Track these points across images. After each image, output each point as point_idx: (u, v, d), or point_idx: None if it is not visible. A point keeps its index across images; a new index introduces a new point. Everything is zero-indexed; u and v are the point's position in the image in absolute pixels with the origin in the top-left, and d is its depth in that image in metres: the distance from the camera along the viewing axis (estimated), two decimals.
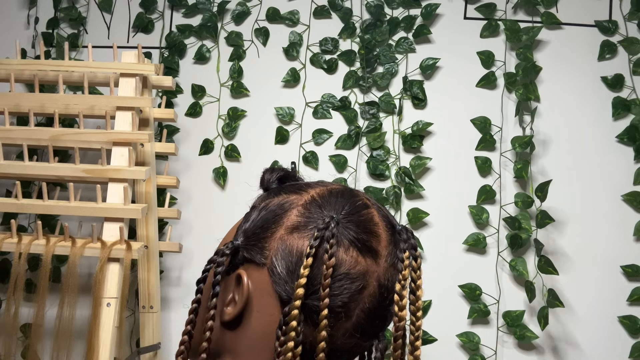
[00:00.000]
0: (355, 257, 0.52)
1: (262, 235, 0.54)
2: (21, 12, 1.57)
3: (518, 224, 1.29)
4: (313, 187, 0.58)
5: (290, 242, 0.53)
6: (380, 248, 0.54)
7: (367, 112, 1.41)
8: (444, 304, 1.35)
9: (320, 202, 0.55)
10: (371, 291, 0.52)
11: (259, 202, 0.58)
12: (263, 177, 0.63)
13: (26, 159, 1.17)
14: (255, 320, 0.53)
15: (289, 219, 0.54)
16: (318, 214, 0.54)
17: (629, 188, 1.32)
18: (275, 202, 0.56)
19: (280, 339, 0.49)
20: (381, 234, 0.55)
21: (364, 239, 0.53)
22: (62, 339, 1.10)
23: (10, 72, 1.22)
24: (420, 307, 0.53)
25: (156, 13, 1.52)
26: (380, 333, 0.55)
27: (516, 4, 1.40)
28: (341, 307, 0.51)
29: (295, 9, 1.47)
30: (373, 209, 0.56)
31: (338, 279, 0.51)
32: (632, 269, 1.29)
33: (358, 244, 0.53)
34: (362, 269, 0.52)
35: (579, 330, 1.31)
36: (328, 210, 0.54)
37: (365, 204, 0.56)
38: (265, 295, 0.52)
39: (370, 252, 0.53)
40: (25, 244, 1.12)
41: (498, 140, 1.37)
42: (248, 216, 0.58)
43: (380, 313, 0.54)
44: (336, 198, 0.56)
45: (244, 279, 0.53)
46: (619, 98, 1.34)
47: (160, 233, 1.39)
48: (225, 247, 0.55)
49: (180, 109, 1.48)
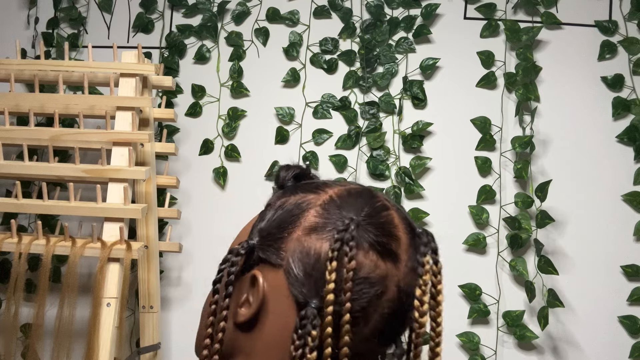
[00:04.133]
0: (375, 260, 0.50)
1: (279, 235, 0.52)
2: (21, 12, 1.57)
3: (518, 224, 1.29)
4: (331, 187, 0.56)
5: (308, 243, 0.51)
6: (401, 251, 0.52)
7: (367, 112, 1.41)
8: (444, 304, 1.34)
9: (339, 203, 0.53)
10: (390, 296, 0.51)
11: (275, 201, 0.56)
12: (279, 174, 0.60)
13: (26, 159, 1.17)
14: (270, 322, 0.51)
15: (307, 219, 0.52)
16: (337, 215, 0.52)
17: (629, 188, 1.32)
18: (292, 201, 0.54)
19: (296, 343, 0.47)
20: (401, 236, 0.53)
21: (384, 242, 0.51)
22: (62, 339, 1.10)
23: (10, 72, 1.22)
24: (440, 312, 0.52)
25: (156, 13, 1.52)
26: (397, 338, 0.54)
27: (516, 4, 1.40)
28: (359, 311, 0.50)
29: (295, 9, 1.47)
30: (392, 211, 0.54)
31: (357, 283, 0.49)
32: (632, 269, 1.29)
33: (378, 247, 0.51)
34: (382, 273, 0.50)
35: (579, 330, 1.31)
36: (347, 211, 0.52)
37: (385, 206, 0.54)
38: (281, 297, 0.51)
39: (390, 256, 0.51)
40: (25, 244, 1.12)
41: (498, 140, 1.37)
42: (263, 215, 0.55)
43: (399, 318, 0.52)
44: (355, 199, 0.54)
45: (259, 280, 0.51)
46: (619, 98, 1.34)
47: (160, 233, 1.39)
48: (240, 246, 0.53)
49: (180, 109, 1.48)
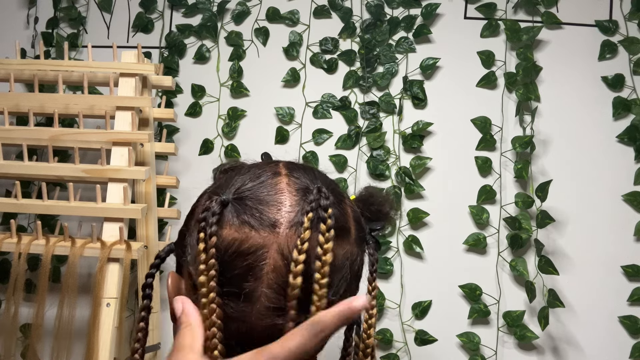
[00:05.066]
0: (247, 232, 0.48)
1: (185, 232, 0.55)
2: (21, 12, 1.57)
3: (518, 224, 1.29)
4: (236, 172, 0.55)
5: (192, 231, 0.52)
6: (280, 216, 0.48)
7: (367, 112, 1.41)
8: (444, 304, 1.35)
9: (217, 185, 0.53)
10: (272, 264, 0.47)
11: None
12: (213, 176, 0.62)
13: (26, 159, 1.17)
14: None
15: (197, 210, 0.54)
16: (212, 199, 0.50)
17: (629, 188, 1.32)
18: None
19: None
20: (284, 200, 0.50)
21: (260, 210, 0.49)
22: (62, 339, 1.10)
23: (10, 72, 1.22)
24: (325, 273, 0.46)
25: (156, 13, 1.52)
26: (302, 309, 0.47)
27: (516, 3, 1.40)
28: (239, 287, 0.47)
29: (295, 9, 1.46)
30: (280, 177, 0.52)
31: (229, 260, 0.48)
32: (632, 269, 1.29)
33: (250, 219, 0.48)
34: (256, 243, 0.47)
35: (579, 330, 1.31)
36: (223, 192, 0.51)
37: (275, 173, 0.52)
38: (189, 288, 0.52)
39: (268, 224, 0.48)
40: (25, 244, 1.12)
41: (498, 140, 1.37)
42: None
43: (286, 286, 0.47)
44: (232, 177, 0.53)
45: (168, 279, 0.55)
46: (619, 98, 1.34)
47: (160, 233, 1.39)
48: (163, 249, 0.58)
49: (180, 109, 1.48)
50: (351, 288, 0.53)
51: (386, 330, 1.34)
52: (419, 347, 1.33)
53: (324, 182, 0.54)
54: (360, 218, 0.57)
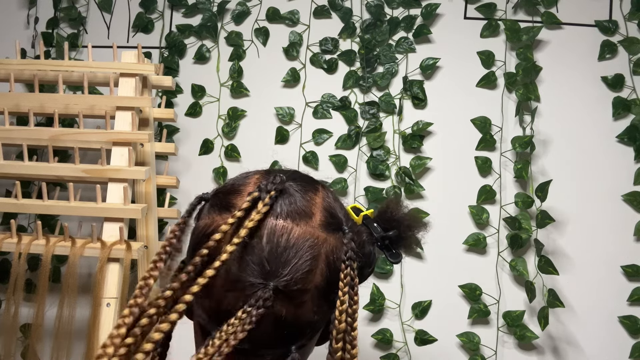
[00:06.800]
0: (213, 217, 0.58)
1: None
2: (21, 12, 1.57)
3: (518, 224, 1.29)
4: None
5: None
6: (237, 200, 0.57)
7: (367, 112, 1.41)
8: (444, 304, 1.35)
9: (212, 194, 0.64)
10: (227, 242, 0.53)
11: None
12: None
13: (26, 159, 1.17)
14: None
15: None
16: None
17: (629, 188, 1.32)
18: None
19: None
20: (244, 189, 0.58)
21: (226, 199, 0.58)
22: (62, 339, 1.10)
23: (10, 72, 1.22)
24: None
25: (156, 13, 1.52)
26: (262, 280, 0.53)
27: (516, 3, 1.40)
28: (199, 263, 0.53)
29: (295, 9, 1.46)
30: (255, 174, 0.60)
31: (202, 242, 0.55)
32: (632, 269, 1.29)
33: (216, 207, 0.58)
34: (213, 224, 0.57)
35: (579, 330, 1.31)
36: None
37: (254, 172, 0.61)
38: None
39: (227, 208, 0.57)
40: (25, 244, 1.12)
41: (498, 140, 1.37)
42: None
43: (246, 260, 0.53)
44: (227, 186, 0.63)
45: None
46: (619, 98, 1.34)
47: (160, 233, 1.39)
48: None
49: (180, 109, 1.48)
50: (324, 273, 0.56)
51: (386, 330, 1.34)
52: (418, 347, 1.33)
53: (296, 176, 0.60)
54: (334, 210, 0.60)
